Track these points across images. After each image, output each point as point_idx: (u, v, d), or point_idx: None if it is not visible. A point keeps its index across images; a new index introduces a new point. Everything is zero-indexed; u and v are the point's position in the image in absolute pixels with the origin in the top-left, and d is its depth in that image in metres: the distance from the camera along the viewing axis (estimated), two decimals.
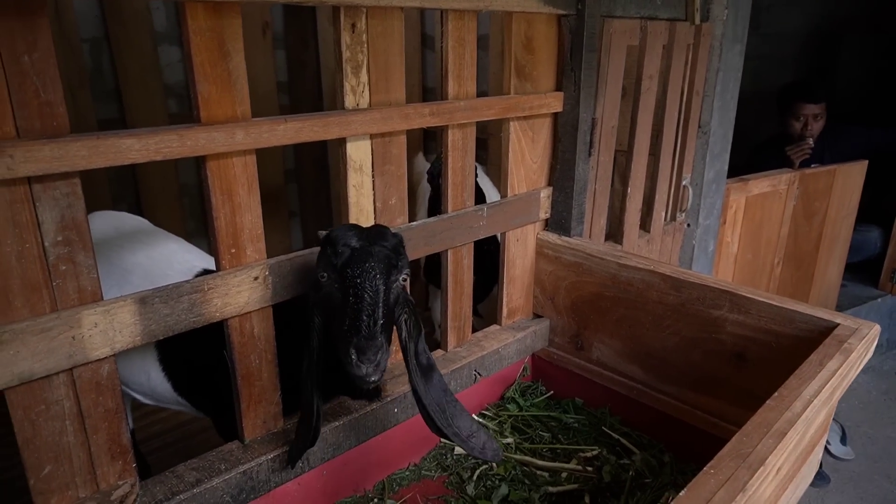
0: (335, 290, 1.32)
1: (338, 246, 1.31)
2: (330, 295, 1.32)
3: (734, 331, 1.79)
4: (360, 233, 1.36)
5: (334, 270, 1.31)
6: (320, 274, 1.33)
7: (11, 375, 1.14)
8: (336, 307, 1.31)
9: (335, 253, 1.30)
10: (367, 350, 1.22)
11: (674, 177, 2.64)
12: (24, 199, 1.11)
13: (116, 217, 2.07)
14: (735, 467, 1.04)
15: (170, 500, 1.38)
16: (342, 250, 1.30)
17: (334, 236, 1.34)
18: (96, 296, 1.23)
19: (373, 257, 1.30)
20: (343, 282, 1.29)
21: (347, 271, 1.28)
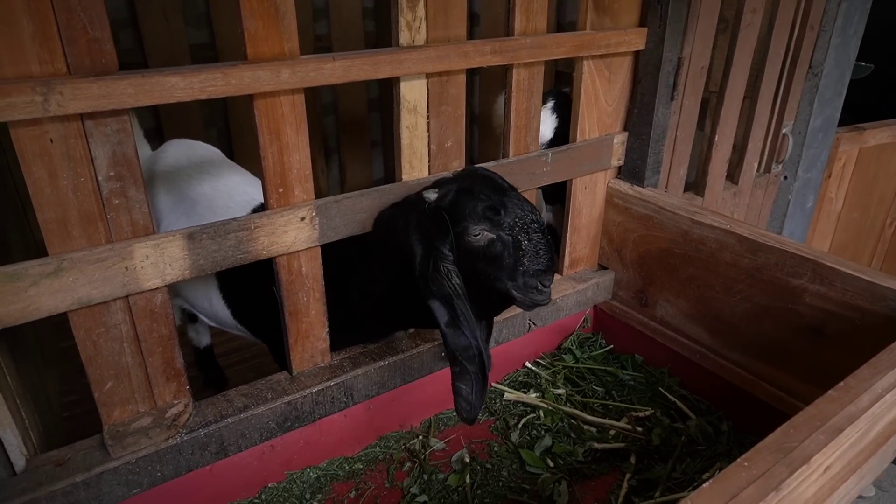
0: (497, 241, 1.36)
1: (487, 201, 1.35)
2: (488, 247, 1.36)
3: (813, 303, 1.63)
4: (489, 183, 1.40)
5: (494, 224, 1.36)
6: (473, 232, 1.35)
7: (72, 300, 1.23)
8: (500, 255, 1.36)
9: (490, 208, 1.35)
10: (550, 276, 1.39)
11: (773, 123, 2.38)
12: (77, 135, 1.15)
13: (189, 146, 2.14)
14: (773, 462, 0.96)
15: (219, 421, 1.47)
16: (494, 203, 1.36)
17: (476, 192, 1.37)
18: (148, 229, 1.28)
19: (525, 201, 1.41)
20: (512, 230, 1.36)
21: (515, 220, 1.36)
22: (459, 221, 1.36)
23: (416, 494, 1.71)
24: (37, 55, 1.08)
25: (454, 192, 1.39)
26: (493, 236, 1.36)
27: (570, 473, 1.79)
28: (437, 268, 1.35)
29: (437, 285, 1.35)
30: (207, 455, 1.48)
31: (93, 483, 1.34)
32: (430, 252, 1.37)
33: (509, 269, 1.37)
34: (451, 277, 1.34)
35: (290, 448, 1.69)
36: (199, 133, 3.70)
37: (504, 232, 1.36)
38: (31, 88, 1.06)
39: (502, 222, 1.36)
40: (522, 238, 1.36)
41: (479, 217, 1.35)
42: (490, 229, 1.36)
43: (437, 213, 1.37)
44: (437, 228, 1.37)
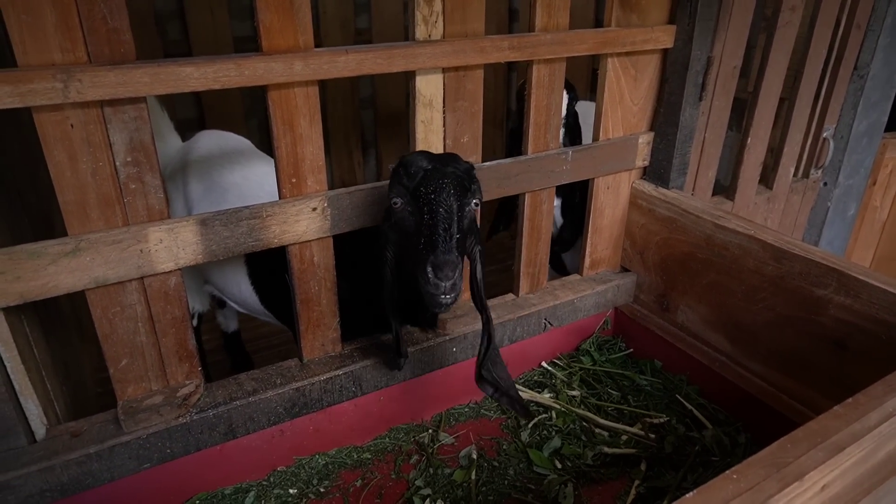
0: (408, 214, 1.32)
1: (410, 168, 1.31)
2: (403, 219, 1.33)
3: (838, 314, 1.56)
4: (431, 157, 1.35)
5: (407, 192, 1.31)
6: (393, 201, 1.33)
7: (89, 279, 1.28)
8: (411, 230, 1.32)
9: (408, 175, 1.31)
10: (445, 266, 1.22)
11: (812, 126, 2.28)
12: (96, 121, 1.20)
13: (221, 136, 2.20)
14: (763, 476, 0.93)
15: (228, 403, 1.51)
16: (415, 171, 1.31)
17: (406, 161, 1.33)
18: (163, 214, 1.33)
19: (446, 176, 1.30)
20: (417, 202, 1.29)
21: (421, 190, 1.29)
22: (389, 190, 1.35)
23: (420, 487, 1.72)
24: (59, 44, 1.13)
25: (396, 163, 1.37)
26: (408, 208, 1.32)
27: (577, 476, 1.77)
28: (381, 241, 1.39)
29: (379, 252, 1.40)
30: (216, 435, 1.53)
31: (105, 455, 1.40)
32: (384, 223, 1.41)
33: (414, 250, 1.29)
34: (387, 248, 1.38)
35: (300, 433, 1.72)
36: (240, 123, 3.80)
37: (413, 203, 1.31)
38: (51, 75, 1.11)
39: (412, 191, 1.30)
40: (425, 213, 1.28)
41: (397, 186, 1.33)
42: (403, 200, 1.32)
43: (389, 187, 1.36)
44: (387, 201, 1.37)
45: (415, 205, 1.30)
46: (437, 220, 1.26)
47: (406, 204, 1.32)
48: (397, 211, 1.33)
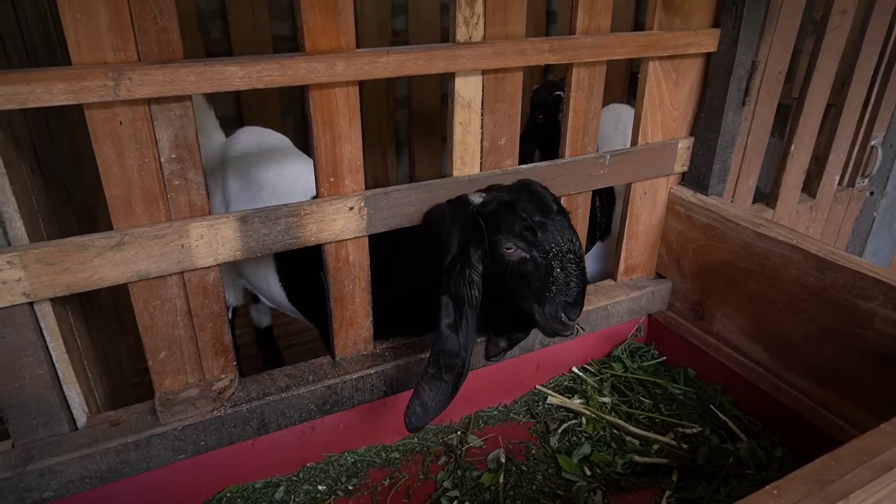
0: (529, 261, 1.34)
1: (528, 219, 1.32)
2: (520, 264, 1.34)
3: (884, 328, 1.51)
4: (536, 201, 1.35)
5: (531, 244, 1.33)
6: (506, 247, 1.34)
7: (132, 272, 1.31)
8: (530, 275, 1.34)
9: (528, 228, 1.32)
10: (577, 310, 1.33)
11: (860, 134, 2.21)
12: (144, 118, 1.23)
13: (260, 133, 2.24)
14: (805, 493, 0.90)
15: (261, 398, 1.54)
16: (534, 223, 1.32)
17: (519, 208, 1.34)
18: (204, 210, 1.35)
19: (571, 230, 1.35)
20: (546, 254, 1.33)
21: (551, 245, 1.32)
22: (496, 232, 1.34)
23: (448, 489, 1.72)
24: (111, 43, 1.15)
25: (498, 202, 1.37)
26: (525, 255, 1.34)
27: (606, 484, 1.75)
28: (462, 272, 1.35)
29: (455, 286, 1.35)
30: (249, 430, 1.55)
31: (142, 445, 1.43)
32: (462, 254, 1.37)
33: (536, 291, 1.34)
34: (472, 286, 1.33)
35: (330, 431, 1.74)
36: (276, 121, 3.86)
37: (538, 254, 1.34)
38: (104, 74, 1.14)
39: (538, 243, 1.33)
40: (556, 265, 1.33)
41: (515, 234, 1.33)
42: (524, 248, 1.34)
43: (476, 219, 1.36)
44: (474, 233, 1.36)
45: (543, 254, 1.33)
46: (576, 275, 1.32)
47: (526, 251, 1.33)
48: (509, 255, 1.34)
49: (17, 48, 1.60)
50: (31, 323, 1.28)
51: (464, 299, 1.33)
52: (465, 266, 1.34)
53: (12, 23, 1.63)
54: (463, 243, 1.37)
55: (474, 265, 1.35)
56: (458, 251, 1.37)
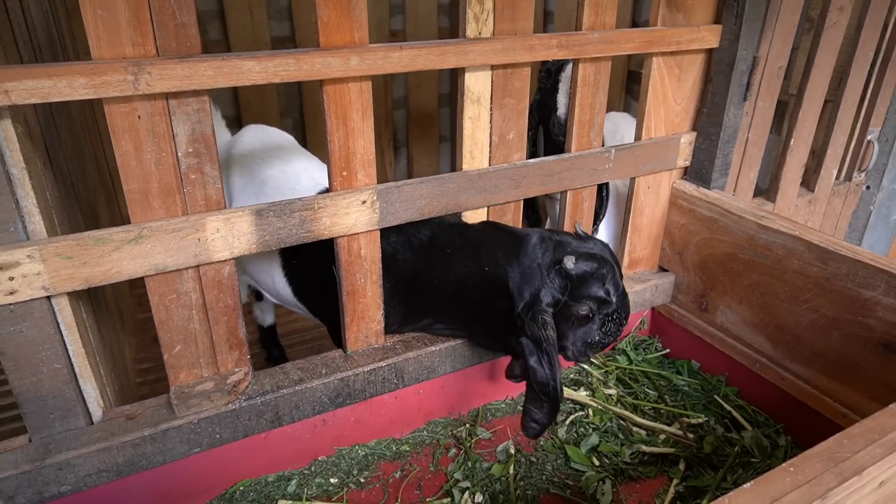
0: (591, 318, 1.55)
1: (608, 292, 1.53)
2: (583, 318, 1.55)
3: (886, 317, 1.55)
4: (613, 274, 1.54)
5: (600, 307, 1.55)
6: (582, 307, 1.53)
7: (149, 266, 1.32)
8: (587, 326, 1.56)
9: (605, 301, 1.54)
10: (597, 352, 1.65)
11: (857, 129, 2.26)
12: (162, 113, 1.24)
13: (265, 131, 2.25)
14: (822, 470, 0.93)
15: (275, 391, 1.55)
16: (611, 296, 1.54)
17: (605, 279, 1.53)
18: (220, 204, 1.37)
19: (627, 302, 1.61)
20: (607, 317, 1.57)
21: (613, 312, 1.57)
22: (579, 296, 1.52)
23: (459, 480, 1.73)
24: (130, 38, 1.17)
25: (587, 270, 1.52)
26: (590, 315, 1.55)
27: (615, 473, 1.77)
28: (535, 317, 1.49)
29: (532, 330, 1.49)
30: (263, 423, 1.56)
31: (158, 438, 1.44)
32: (535, 300, 1.51)
33: (582, 336, 1.58)
34: (546, 328, 1.48)
35: (341, 424, 1.75)
36: (275, 121, 3.86)
37: (600, 315, 1.56)
38: (124, 68, 1.15)
39: (606, 311, 1.55)
40: (608, 324, 1.58)
41: (594, 300, 1.53)
42: (594, 310, 1.54)
43: (566, 278, 1.51)
44: (557, 287, 1.52)
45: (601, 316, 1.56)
46: (614, 331, 1.60)
47: (592, 315, 1.55)
48: (578, 311, 1.53)
49: (26, 48, 1.61)
50: (49, 317, 1.29)
51: (541, 340, 1.48)
52: (537, 312, 1.49)
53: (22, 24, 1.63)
54: (537, 292, 1.52)
55: (546, 310, 1.50)
56: (531, 298, 1.52)
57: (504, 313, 1.56)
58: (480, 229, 1.68)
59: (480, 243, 1.61)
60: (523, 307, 1.51)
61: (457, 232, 1.66)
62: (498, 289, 1.55)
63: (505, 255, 1.55)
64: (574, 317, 1.54)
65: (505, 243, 1.58)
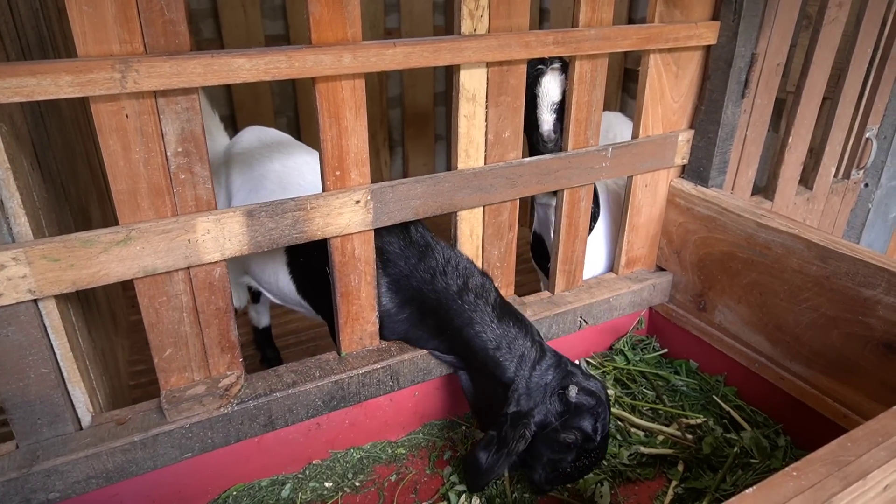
0: (571, 449, 1.58)
1: (591, 432, 1.57)
2: (561, 447, 1.58)
3: (887, 316, 1.53)
4: (605, 415, 1.59)
5: (583, 442, 1.58)
6: (568, 436, 1.56)
7: (138, 268, 1.30)
8: (561, 451, 1.59)
9: (590, 438, 1.57)
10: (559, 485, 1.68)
11: (855, 126, 2.24)
12: (150, 111, 1.22)
13: (263, 131, 2.22)
14: (825, 475, 0.91)
15: (268, 395, 1.52)
16: (594, 436, 1.58)
17: (598, 416, 1.57)
18: (210, 205, 1.34)
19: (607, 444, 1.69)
20: (585, 452, 1.60)
21: (592, 452, 1.61)
22: (569, 423, 1.55)
23: (455, 483, 1.71)
24: (117, 35, 1.14)
25: (584, 404, 1.56)
26: (571, 445, 1.58)
27: (613, 475, 1.75)
28: (518, 426, 1.51)
29: (506, 432, 1.50)
30: (256, 427, 1.54)
31: (149, 443, 1.41)
32: (528, 413, 1.54)
33: (552, 465, 1.61)
34: (521, 442, 1.50)
35: (336, 427, 1.73)
36: (270, 121, 3.83)
37: (579, 449, 1.59)
38: (110, 66, 1.12)
39: (588, 446, 1.59)
40: (583, 460, 1.61)
41: (581, 433, 1.56)
42: (578, 441, 1.57)
43: (565, 405, 1.55)
44: (554, 412, 1.56)
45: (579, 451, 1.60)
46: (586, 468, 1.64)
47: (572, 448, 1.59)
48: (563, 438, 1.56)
49: (14, 46, 1.58)
50: (36, 321, 1.26)
51: (507, 445, 1.49)
52: (524, 425, 1.51)
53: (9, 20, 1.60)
54: (531, 409, 1.55)
55: (531, 427, 1.52)
56: (527, 411, 1.55)
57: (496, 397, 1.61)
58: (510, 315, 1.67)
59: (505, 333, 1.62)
60: (515, 413, 1.54)
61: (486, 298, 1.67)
62: (500, 382, 1.60)
63: (520, 362, 1.59)
64: (556, 443, 1.57)
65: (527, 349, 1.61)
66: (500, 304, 1.67)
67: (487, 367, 1.61)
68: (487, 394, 1.65)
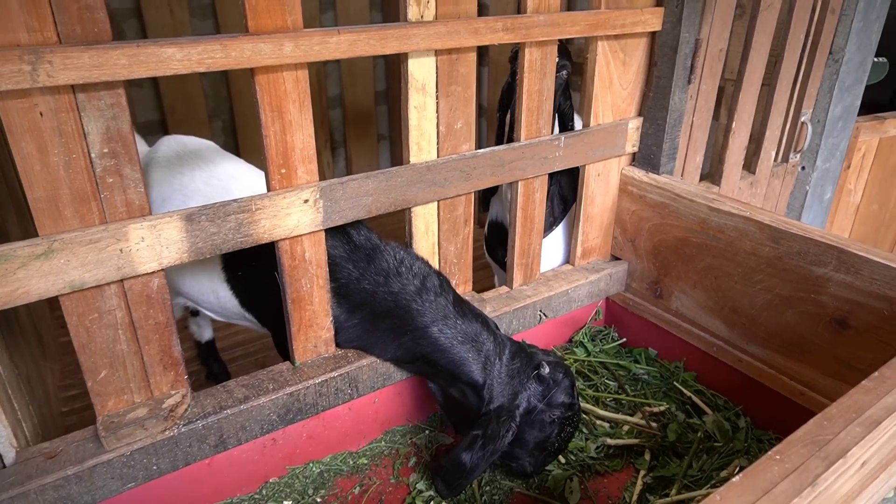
0: (553, 423, 1.58)
1: (577, 398, 1.60)
2: (551, 424, 1.58)
3: (838, 293, 1.56)
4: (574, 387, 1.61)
5: (564, 415, 1.58)
6: (558, 412, 1.57)
7: (63, 283, 1.17)
8: (546, 430, 1.58)
9: (571, 405, 1.59)
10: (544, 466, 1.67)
11: (791, 111, 2.30)
12: (68, 108, 1.09)
13: (179, 142, 2.04)
14: (807, 455, 0.89)
15: (218, 413, 1.41)
16: (575, 409, 1.60)
17: (572, 394, 1.59)
18: (144, 210, 1.22)
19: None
20: (563, 423, 1.60)
21: (573, 420, 1.62)
22: (553, 399, 1.56)
23: (422, 490, 1.64)
24: (24, 22, 1.02)
25: (557, 378, 1.57)
26: (555, 420, 1.57)
27: (581, 470, 1.72)
28: (503, 420, 1.48)
29: (492, 429, 1.47)
30: (206, 448, 1.43)
31: (85, 476, 1.28)
32: (510, 405, 1.52)
33: (538, 446, 1.59)
34: (507, 435, 1.48)
35: (293, 442, 1.63)
36: (204, 125, 3.66)
37: (562, 420, 1.59)
38: (17, 57, 1.00)
39: (568, 413, 1.59)
40: (567, 429, 1.61)
41: (565, 404, 1.57)
42: (562, 414, 1.57)
43: (545, 385, 1.55)
44: (536, 394, 1.55)
45: (559, 434, 1.61)
46: (562, 445, 1.64)
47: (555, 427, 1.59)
48: (547, 418, 1.57)
49: None
50: None
51: (495, 442, 1.46)
52: (511, 419, 1.49)
53: None
54: (512, 399, 1.53)
55: (516, 417, 1.50)
56: (509, 402, 1.52)
57: (470, 401, 1.57)
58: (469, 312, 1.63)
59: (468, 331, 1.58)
60: (497, 408, 1.51)
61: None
62: (468, 381, 1.55)
63: (487, 357, 1.55)
64: (543, 423, 1.57)
65: (491, 343, 1.57)
66: (461, 302, 1.62)
67: (454, 367, 1.55)
68: (457, 396, 1.59)
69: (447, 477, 1.54)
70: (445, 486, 1.57)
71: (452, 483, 1.53)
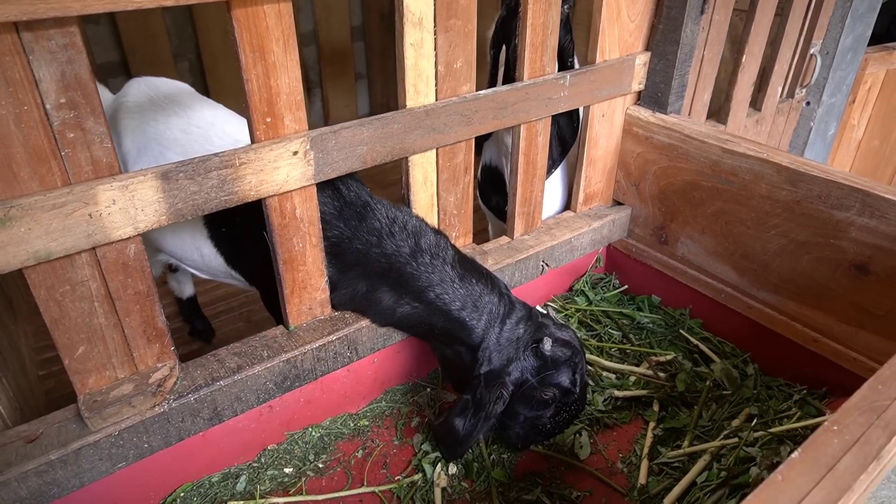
0: (548, 403, 1.49)
1: (571, 386, 1.48)
2: (540, 403, 1.48)
3: (860, 237, 1.49)
4: (582, 365, 1.50)
5: (561, 396, 1.49)
6: (546, 392, 1.47)
7: (27, 254, 1.03)
8: (539, 408, 1.50)
9: (569, 390, 1.48)
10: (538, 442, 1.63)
11: (800, 42, 2.18)
12: (13, 51, 0.93)
13: (151, 84, 1.85)
14: (866, 425, 0.83)
15: (210, 385, 1.31)
16: (575, 390, 1.49)
17: (574, 371, 1.48)
18: (113, 169, 1.08)
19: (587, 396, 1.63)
20: (562, 406, 1.52)
21: (572, 405, 1.53)
22: (547, 379, 1.46)
23: (427, 451, 1.59)
24: None
25: (560, 357, 1.46)
26: (549, 401, 1.49)
27: (590, 423, 1.68)
28: (492, 386, 1.40)
29: (482, 394, 1.40)
30: (200, 422, 1.34)
31: (70, 460, 1.18)
32: (501, 371, 1.43)
33: (528, 422, 1.52)
34: (497, 403, 1.40)
35: (290, 408, 1.55)
36: (169, 66, 3.40)
37: (558, 405, 1.51)
38: None
39: (566, 399, 1.50)
40: (562, 414, 1.53)
41: (560, 388, 1.47)
42: (556, 398, 1.49)
43: (542, 360, 1.44)
44: (530, 367, 1.45)
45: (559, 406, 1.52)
46: (562, 425, 1.56)
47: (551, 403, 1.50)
48: (542, 395, 1.47)
49: None
50: None
51: (484, 408, 1.40)
52: (500, 385, 1.41)
53: None
54: (505, 366, 1.43)
55: (508, 385, 1.42)
56: (501, 368, 1.43)
57: (466, 362, 1.50)
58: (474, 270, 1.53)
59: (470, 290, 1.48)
60: (489, 371, 1.43)
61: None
62: (470, 345, 1.47)
63: (489, 319, 1.46)
64: (534, 400, 1.48)
65: (494, 305, 1.48)
66: (460, 261, 1.51)
67: (451, 330, 1.46)
68: (458, 359, 1.51)
69: (443, 442, 1.49)
70: (444, 450, 1.52)
71: (448, 448, 1.49)
